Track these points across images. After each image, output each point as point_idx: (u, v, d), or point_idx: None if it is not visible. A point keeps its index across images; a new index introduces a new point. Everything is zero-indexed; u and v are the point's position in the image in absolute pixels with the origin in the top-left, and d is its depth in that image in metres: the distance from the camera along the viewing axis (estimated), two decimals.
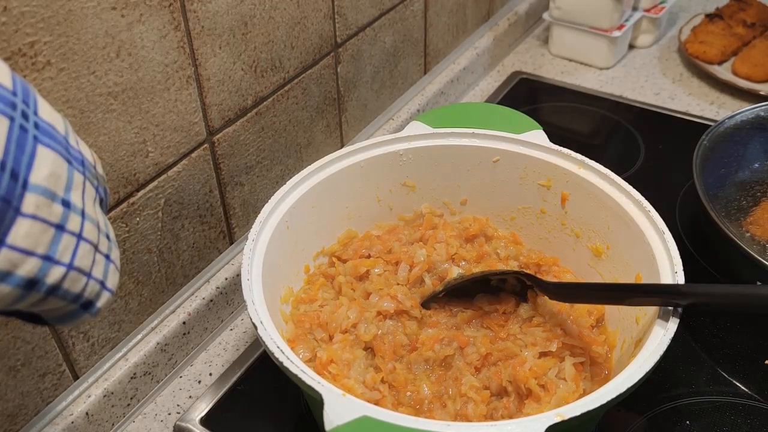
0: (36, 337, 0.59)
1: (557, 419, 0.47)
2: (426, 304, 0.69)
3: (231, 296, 0.77)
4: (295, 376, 0.51)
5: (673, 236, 0.61)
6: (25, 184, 0.31)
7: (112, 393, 0.66)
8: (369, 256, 0.73)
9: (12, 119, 0.31)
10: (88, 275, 0.37)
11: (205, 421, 0.66)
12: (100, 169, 0.40)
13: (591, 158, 0.70)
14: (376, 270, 0.71)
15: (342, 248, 0.74)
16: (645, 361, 0.51)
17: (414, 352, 0.65)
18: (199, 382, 0.72)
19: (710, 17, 1.19)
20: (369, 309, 0.67)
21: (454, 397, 0.61)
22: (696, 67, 1.14)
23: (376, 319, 0.66)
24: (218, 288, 0.75)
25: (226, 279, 0.76)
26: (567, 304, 0.66)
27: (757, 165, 0.86)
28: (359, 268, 0.71)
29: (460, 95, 1.12)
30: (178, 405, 0.70)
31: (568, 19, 1.15)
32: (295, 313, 0.67)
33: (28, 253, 0.32)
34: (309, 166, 0.70)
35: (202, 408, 0.67)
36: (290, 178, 0.69)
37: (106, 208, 0.41)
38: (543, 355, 0.62)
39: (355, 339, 0.64)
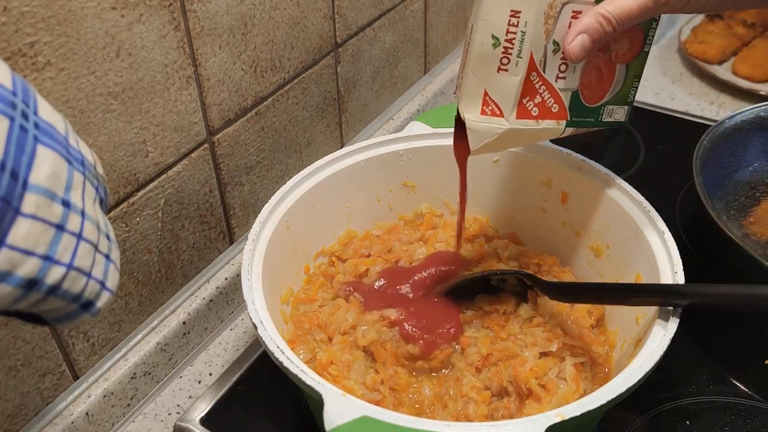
0: (36, 337, 0.59)
1: (557, 419, 0.47)
2: None
3: (231, 296, 0.77)
4: (295, 376, 0.51)
5: (673, 236, 0.61)
6: (25, 184, 0.31)
7: (112, 393, 0.66)
8: (369, 256, 0.73)
9: (12, 119, 0.31)
10: (88, 275, 0.36)
11: (205, 421, 0.66)
12: (100, 169, 0.40)
13: (591, 158, 0.70)
14: (375, 269, 0.71)
15: (342, 248, 0.74)
16: (645, 361, 0.51)
17: (418, 361, 0.64)
18: (199, 382, 0.72)
19: (710, 17, 1.18)
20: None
21: (455, 397, 0.61)
22: (696, 67, 1.14)
23: (378, 323, 0.65)
24: (218, 288, 0.75)
25: (226, 279, 0.76)
26: (567, 304, 0.66)
27: (757, 165, 0.86)
28: (359, 267, 0.71)
29: None
30: (178, 405, 0.70)
31: None
32: (295, 314, 0.67)
33: (28, 253, 0.32)
34: (309, 166, 0.70)
35: (202, 408, 0.67)
36: (290, 178, 0.69)
37: (106, 208, 0.41)
38: (543, 355, 0.62)
39: (354, 341, 0.64)
